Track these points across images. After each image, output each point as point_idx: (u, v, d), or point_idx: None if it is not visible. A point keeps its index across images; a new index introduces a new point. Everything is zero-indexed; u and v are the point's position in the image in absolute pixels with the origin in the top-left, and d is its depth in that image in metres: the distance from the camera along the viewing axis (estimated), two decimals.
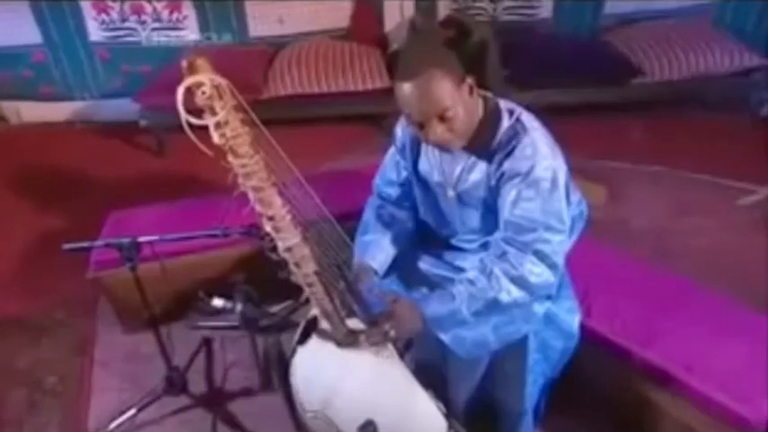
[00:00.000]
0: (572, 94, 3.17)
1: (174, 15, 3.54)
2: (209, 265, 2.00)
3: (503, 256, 1.25)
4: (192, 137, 0.83)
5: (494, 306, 1.25)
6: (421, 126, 1.19)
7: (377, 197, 1.57)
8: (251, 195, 0.97)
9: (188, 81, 0.79)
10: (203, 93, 0.80)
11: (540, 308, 1.35)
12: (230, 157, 0.91)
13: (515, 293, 1.24)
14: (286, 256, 1.09)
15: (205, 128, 0.90)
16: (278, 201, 0.99)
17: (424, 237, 1.57)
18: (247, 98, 0.92)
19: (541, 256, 1.23)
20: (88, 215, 2.29)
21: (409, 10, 3.60)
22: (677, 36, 3.23)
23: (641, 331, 1.46)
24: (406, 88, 1.14)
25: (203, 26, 3.55)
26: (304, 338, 1.40)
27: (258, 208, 0.99)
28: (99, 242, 1.48)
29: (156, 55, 3.56)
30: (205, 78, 0.79)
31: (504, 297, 1.24)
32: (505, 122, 1.25)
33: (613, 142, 3.14)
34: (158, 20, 3.55)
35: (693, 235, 2.37)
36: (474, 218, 1.40)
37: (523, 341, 1.37)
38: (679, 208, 2.59)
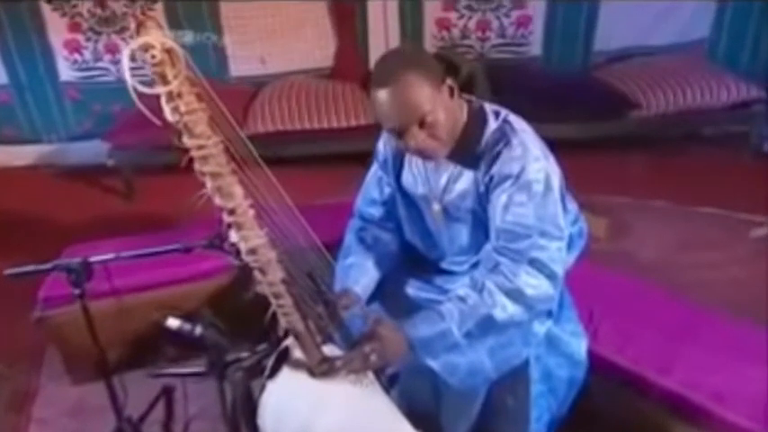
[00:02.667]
0: (568, 129, 3.21)
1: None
2: (172, 303, 1.89)
3: (495, 268, 1.20)
4: (142, 107, 0.79)
5: (488, 325, 1.18)
6: (400, 134, 1.17)
7: (358, 219, 1.53)
8: (208, 183, 0.92)
9: (135, 42, 0.76)
10: (153, 57, 0.77)
11: (540, 327, 1.28)
12: (185, 138, 0.87)
13: (511, 309, 1.18)
14: (249, 259, 1.02)
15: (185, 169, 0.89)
16: (239, 191, 0.94)
17: (411, 262, 1.52)
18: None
19: (538, 266, 1.18)
20: (47, 259, 2.21)
21: None
22: (672, 70, 3.34)
23: (657, 358, 1.39)
24: (381, 95, 1.13)
25: None
26: (275, 372, 1.30)
27: (217, 200, 0.94)
28: (46, 265, 1.40)
29: (129, 95, 3.60)
30: (155, 41, 0.77)
31: (498, 314, 1.17)
32: (492, 124, 1.24)
33: (613, 177, 3.16)
34: (133, 59, 3.61)
35: (703, 268, 2.34)
36: (463, 234, 1.35)
37: (525, 369, 1.29)
38: (686, 241, 2.57)
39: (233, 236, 1.09)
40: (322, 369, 1.19)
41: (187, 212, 1.08)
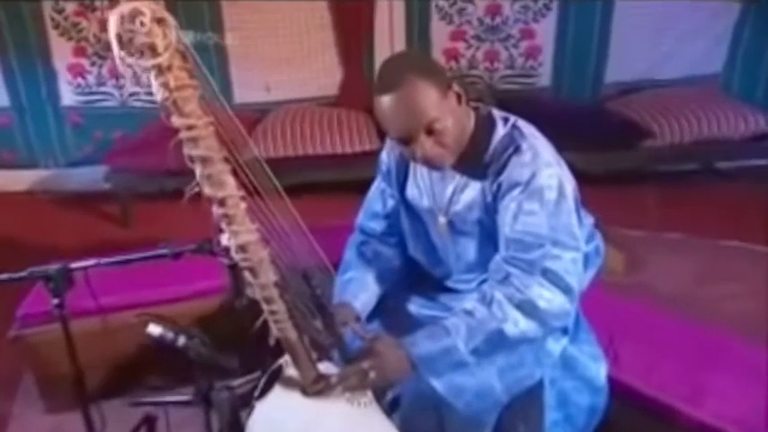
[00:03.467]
0: (579, 159, 3.17)
1: None
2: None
3: (506, 279, 1.14)
4: (120, 65, 0.75)
5: (498, 341, 1.12)
6: (407, 143, 1.14)
7: (359, 233, 1.49)
8: (197, 170, 0.87)
9: (123, 6, 0.73)
10: (142, 24, 0.74)
11: (555, 346, 1.21)
12: (174, 117, 0.83)
13: (523, 324, 1.11)
14: (239, 258, 0.96)
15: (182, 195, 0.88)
16: (231, 181, 0.90)
17: (415, 280, 1.46)
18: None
19: (552, 278, 1.12)
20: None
21: None
22: (686, 99, 3.33)
23: (686, 386, 1.31)
24: (386, 101, 1.10)
25: None
26: (265, 392, 1.22)
27: (206, 189, 0.89)
28: (20, 273, 1.34)
29: (131, 121, 3.63)
30: (144, 6, 0.74)
31: (509, 329, 1.11)
32: (500, 130, 1.21)
33: (628, 210, 3.10)
34: (137, 84, 3.68)
35: (723, 299, 2.24)
36: (470, 249, 1.30)
37: (539, 394, 1.21)
38: (705, 273, 2.48)
39: (225, 239, 1.04)
40: (316, 388, 1.11)
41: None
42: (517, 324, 1.10)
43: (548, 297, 1.11)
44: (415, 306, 1.39)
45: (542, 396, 1.20)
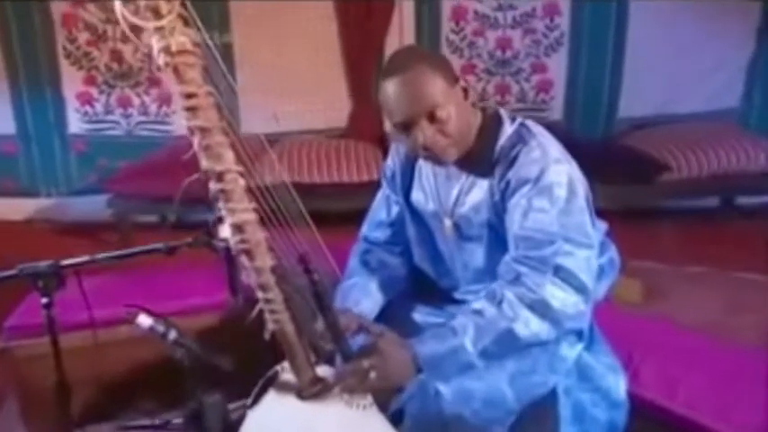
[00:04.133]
0: (597, 193, 3.17)
1: (163, 109, 3.76)
2: (157, 341, 1.79)
3: (516, 279, 1.12)
4: (130, 33, 0.77)
5: (508, 342, 1.09)
6: (408, 128, 1.14)
7: (363, 242, 1.48)
8: (196, 142, 0.87)
9: None
10: None
11: (569, 351, 1.17)
12: (175, 83, 0.84)
13: (535, 325, 1.08)
14: (235, 240, 0.95)
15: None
16: (230, 155, 0.90)
17: (421, 291, 1.43)
18: None
19: (565, 276, 1.10)
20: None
21: None
22: (703, 133, 3.35)
23: (713, 402, 1.24)
24: (391, 84, 1.12)
25: None
26: (258, 399, 1.18)
27: (204, 162, 0.89)
28: (10, 272, 1.32)
29: (137, 149, 3.69)
30: None
31: (520, 329, 1.08)
32: (508, 128, 1.22)
33: (646, 246, 3.07)
34: (145, 113, 3.77)
35: (747, 330, 2.18)
36: (477, 256, 1.28)
37: (553, 405, 1.16)
38: (730, 305, 2.43)
39: (223, 230, 1.04)
40: (313, 390, 1.07)
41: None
42: (528, 324, 1.07)
43: (561, 296, 1.08)
44: (421, 315, 1.36)
45: (557, 408, 1.15)
